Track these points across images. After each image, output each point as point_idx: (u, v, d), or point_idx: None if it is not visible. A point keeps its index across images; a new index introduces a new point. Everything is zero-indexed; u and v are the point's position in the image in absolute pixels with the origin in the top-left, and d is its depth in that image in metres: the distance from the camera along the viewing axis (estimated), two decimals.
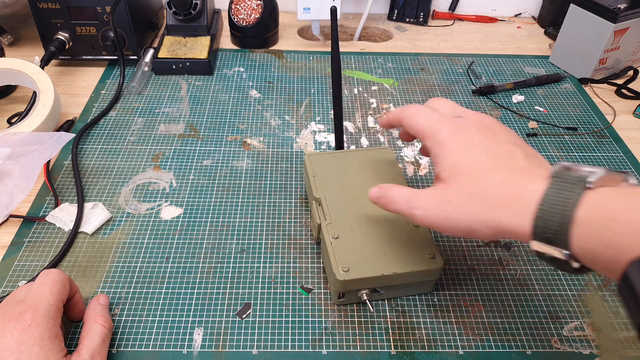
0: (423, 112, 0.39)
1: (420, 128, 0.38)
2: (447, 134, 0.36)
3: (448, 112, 0.39)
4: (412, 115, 0.39)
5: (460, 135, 0.35)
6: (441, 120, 0.37)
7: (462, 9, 0.93)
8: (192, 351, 0.40)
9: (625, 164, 0.60)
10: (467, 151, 0.34)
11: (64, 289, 0.38)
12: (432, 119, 0.37)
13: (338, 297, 0.43)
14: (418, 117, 0.38)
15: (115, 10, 0.66)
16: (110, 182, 0.55)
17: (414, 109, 0.40)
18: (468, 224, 0.33)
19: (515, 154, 0.34)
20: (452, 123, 0.36)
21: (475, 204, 0.32)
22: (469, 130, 0.35)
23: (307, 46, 0.81)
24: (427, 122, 0.38)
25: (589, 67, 0.73)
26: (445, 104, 0.40)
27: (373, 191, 0.40)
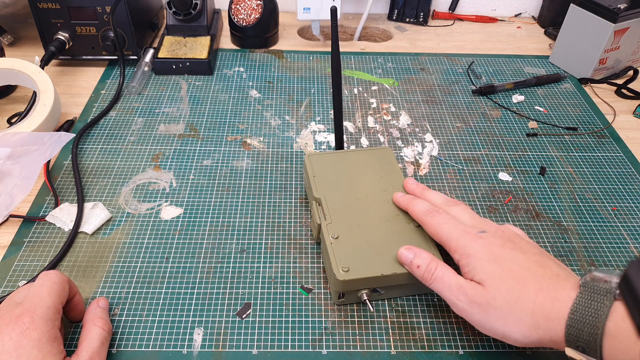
0: (448, 223, 0.41)
1: (447, 240, 0.40)
2: (475, 248, 0.38)
3: (470, 223, 0.41)
4: (438, 225, 0.41)
5: (488, 249, 0.37)
6: (466, 235, 0.39)
7: (462, 9, 0.93)
8: (192, 351, 0.40)
9: (625, 164, 0.60)
10: (497, 262, 0.37)
11: (63, 291, 0.37)
12: (457, 232, 0.39)
13: (338, 297, 0.43)
14: (444, 229, 0.40)
15: (115, 10, 0.66)
16: (110, 182, 0.55)
17: (438, 217, 0.41)
18: (506, 331, 0.35)
19: (544, 263, 0.36)
20: (479, 240, 0.38)
21: (514, 311, 0.34)
22: (494, 245, 0.38)
23: (307, 46, 0.81)
24: (453, 235, 0.39)
25: (589, 67, 0.73)
26: (466, 214, 0.42)
27: (407, 254, 0.41)
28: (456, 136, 0.63)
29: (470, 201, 0.54)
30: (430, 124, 0.65)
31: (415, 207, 0.44)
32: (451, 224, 0.40)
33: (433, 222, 0.41)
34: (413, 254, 0.40)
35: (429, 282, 0.39)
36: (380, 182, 0.49)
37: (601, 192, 0.56)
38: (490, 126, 0.65)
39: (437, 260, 0.40)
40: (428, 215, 0.42)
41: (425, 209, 0.43)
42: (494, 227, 0.40)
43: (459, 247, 0.38)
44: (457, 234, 0.39)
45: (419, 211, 0.43)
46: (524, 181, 0.57)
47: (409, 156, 0.60)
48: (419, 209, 0.43)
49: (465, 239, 0.38)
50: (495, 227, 0.40)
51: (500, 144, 0.62)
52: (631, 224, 0.52)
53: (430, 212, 0.42)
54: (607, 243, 0.50)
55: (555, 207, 0.54)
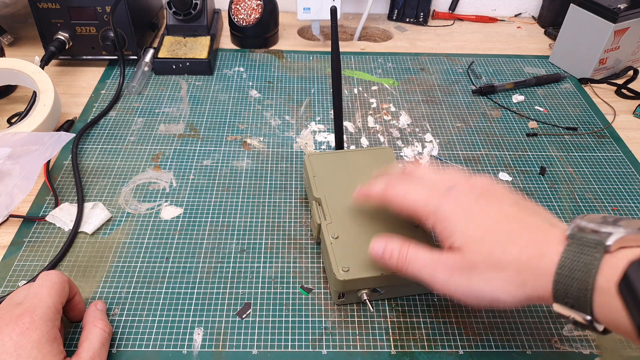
0: (412, 189, 0.37)
1: (415, 208, 0.36)
2: (448, 208, 0.35)
3: (435, 182, 0.37)
4: (401, 195, 0.37)
5: (461, 207, 0.34)
6: (434, 196, 0.36)
7: (462, 9, 0.93)
8: (192, 351, 0.40)
9: (625, 164, 0.60)
10: (474, 220, 0.34)
11: (63, 291, 0.37)
12: (424, 195, 0.36)
13: (338, 297, 0.43)
14: (409, 197, 0.37)
15: (115, 10, 0.66)
16: (110, 182, 0.55)
17: (399, 186, 0.37)
18: (494, 294, 0.32)
19: (521, 214, 0.33)
20: (449, 198, 0.35)
21: (499, 272, 0.32)
22: (467, 202, 0.35)
23: (307, 46, 0.81)
24: (420, 201, 0.36)
25: (589, 67, 0.73)
26: (428, 172, 0.38)
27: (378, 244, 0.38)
28: (456, 136, 0.63)
29: None
30: (430, 124, 0.65)
31: (373, 189, 0.40)
32: (416, 189, 0.37)
33: (394, 193, 0.38)
34: (384, 244, 0.38)
35: (405, 266, 0.36)
36: None
37: (601, 192, 0.56)
38: (490, 126, 0.65)
39: (408, 243, 0.37)
40: (388, 189, 0.38)
41: (383, 184, 0.39)
42: (463, 179, 0.37)
43: (429, 212, 0.35)
44: (424, 198, 0.36)
45: (378, 190, 0.39)
46: (524, 181, 0.57)
47: (409, 156, 0.60)
48: (378, 188, 0.39)
49: (434, 200, 0.35)
50: (464, 179, 0.36)
51: (500, 144, 0.62)
52: None
53: (389, 185, 0.38)
54: None
55: (555, 207, 0.54)
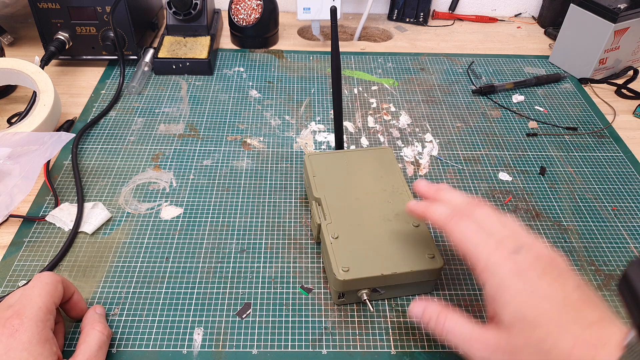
0: (477, 234, 0.34)
1: (474, 255, 0.34)
2: (508, 274, 0.32)
3: (502, 235, 0.34)
4: (463, 234, 0.35)
5: (523, 279, 0.32)
6: (499, 252, 0.33)
7: (462, 9, 0.93)
8: (192, 351, 0.40)
9: (625, 164, 0.60)
10: (533, 299, 0.31)
11: (56, 291, 0.37)
12: (488, 247, 0.33)
13: (338, 297, 0.43)
14: (472, 240, 0.34)
15: (115, 10, 0.66)
16: (110, 182, 0.55)
17: (464, 224, 0.35)
18: None
19: (584, 305, 0.31)
20: (514, 261, 0.32)
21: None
22: (532, 272, 0.32)
23: (307, 46, 0.81)
24: (483, 251, 0.34)
25: (589, 67, 0.73)
26: (494, 219, 0.36)
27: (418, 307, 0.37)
28: (456, 136, 0.63)
29: None
30: (430, 124, 0.65)
31: (435, 212, 0.38)
32: (480, 235, 0.34)
33: (458, 229, 0.35)
34: (423, 308, 0.36)
35: (442, 334, 0.35)
36: (380, 182, 0.49)
37: (601, 192, 0.56)
38: (490, 126, 0.65)
39: (446, 311, 0.35)
40: (452, 220, 0.36)
41: (447, 213, 0.37)
42: (530, 241, 0.34)
43: (487, 269, 0.33)
44: (488, 250, 0.33)
45: (440, 216, 0.37)
46: (524, 181, 0.57)
47: (409, 156, 0.60)
48: (439, 214, 0.37)
49: (496, 260, 0.33)
50: (531, 242, 0.34)
51: (500, 144, 0.62)
52: (631, 224, 0.52)
53: (453, 217, 0.36)
54: (607, 243, 0.50)
55: (555, 207, 0.54)
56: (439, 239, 0.50)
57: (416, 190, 0.42)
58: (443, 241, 0.50)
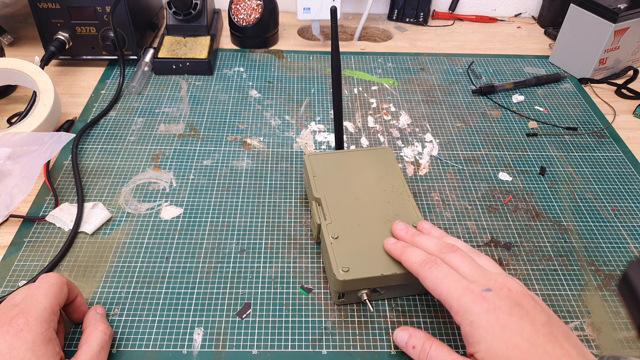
0: (447, 278, 0.36)
1: (447, 299, 0.36)
2: (479, 311, 0.34)
3: (472, 276, 0.36)
4: (436, 280, 0.37)
5: (493, 317, 0.33)
6: (469, 294, 0.35)
7: (462, 9, 0.93)
8: (192, 351, 0.40)
9: (625, 164, 0.60)
10: (503, 335, 0.33)
11: (61, 293, 0.37)
12: (459, 290, 0.35)
13: (338, 297, 0.43)
14: (443, 285, 0.36)
15: (115, 10, 0.66)
16: (110, 182, 0.55)
17: (436, 271, 0.37)
18: None
19: (554, 336, 0.33)
20: (483, 302, 0.34)
21: None
22: (501, 310, 0.34)
23: (307, 46, 0.81)
24: (454, 294, 0.35)
25: (589, 67, 0.73)
26: (465, 262, 0.38)
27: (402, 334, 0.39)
28: (456, 136, 0.63)
29: (470, 201, 0.54)
30: (430, 124, 0.65)
31: (409, 257, 0.40)
32: (451, 279, 0.36)
33: (431, 276, 0.37)
34: (408, 335, 0.39)
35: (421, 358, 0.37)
36: (380, 182, 0.49)
37: (601, 192, 0.56)
38: (490, 126, 0.65)
39: (432, 339, 0.37)
40: (424, 267, 0.38)
41: (421, 260, 0.39)
42: (499, 282, 0.36)
43: (460, 309, 0.35)
44: (459, 293, 0.35)
45: (414, 262, 0.39)
46: (524, 181, 0.57)
47: (409, 156, 0.60)
48: (413, 260, 0.39)
49: (467, 300, 0.35)
50: (500, 283, 0.35)
51: (500, 144, 0.62)
52: (631, 224, 0.52)
53: (426, 264, 0.38)
54: (607, 243, 0.50)
55: (555, 207, 0.54)
56: None
57: (394, 233, 0.44)
58: None
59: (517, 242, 0.50)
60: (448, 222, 0.52)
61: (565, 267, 0.48)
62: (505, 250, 0.49)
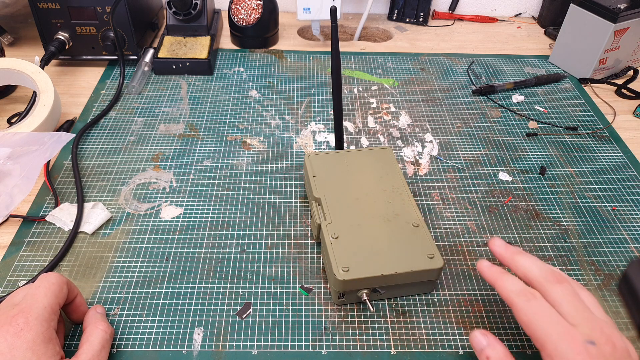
0: (547, 316, 0.33)
1: (541, 337, 0.33)
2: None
3: (574, 319, 0.33)
4: (533, 315, 0.34)
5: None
6: (570, 341, 0.32)
7: (462, 9, 0.93)
8: (192, 351, 0.40)
9: (625, 164, 0.60)
10: None
11: (61, 292, 0.37)
12: (558, 333, 0.32)
13: (338, 297, 0.43)
14: (541, 323, 0.33)
15: (115, 10, 0.66)
16: (110, 182, 0.55)
17: (534, 306, 0.34)
18: None
19: None
20: (587, 353, 0.31)
21: None
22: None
23: (307, 46, 0.81)
24: (552, 336, 0.32)
25: (589, 67, 0.73)
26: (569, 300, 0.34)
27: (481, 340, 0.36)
28: (456, 136, 0.63)
29: (470, 201, 0.54)
30: (430, 124, 0.65)
31: (505, 284, 0.36)
32: (551, 318, 0.33)
33: (527, 309, 0.34)
34: (487, 342, 0.35)
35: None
36: (380, 182, 0.49)
37: (601, 192, 0.56)
38: (490, 126, 0.65)
39: (510, 357, 0.34)
40: (521, 298, 0.35)
41: (518, 289, 0.35)
42: (605, 334, 0.32)
43: (556, 355, 0.32)
44: (557, 336, 0.32)
45: (510, 291, 0.36)
46: (524, 181, 0.57)
47: (409, 156, 0.60)
48: (510, 288, 0.36)
49: (567, 347, 0.31)
50: (606, 336, 0.32)
51: (500, 144, 0.62)
52: (631, 224, 0.52)
53: (524, 295, 0.35)
54: (607, 243, 0.50)
55: (555, 207, 0.54)
56: (439, 239, 0.50)
57: (491, 249, 0.40)
58: (443, 241, 0.50)
59: (517, 242, 0.50)
60: (448, 222, 0.52)
61: (565, 267, 0.48)
62: None
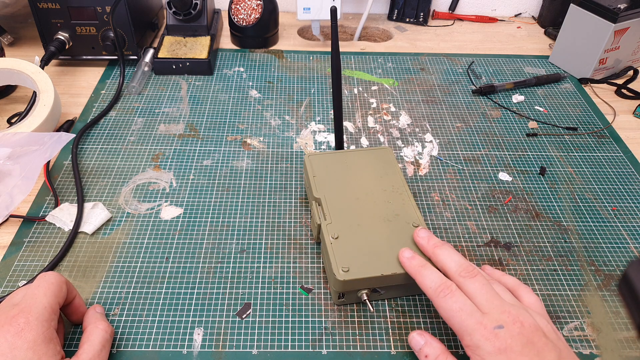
0: (461, 311, 0.36)
1: (459, 331, 0.36)
2: (491, 350, 0.34)
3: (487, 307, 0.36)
4: (450, 311, 0.37)
5: (505, 356, 0.34)
6: (481, 330, 0.35)
7: (462, 9, 0.93)
8: (192, 351, 0.40)
9: (625, 164, 0.60)
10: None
11: (60, 292, 0.37)
12: (471, 325, 0.35)
13: (338, 297, 0.43)
14: (456, 317, 0.36)
15: (115, 10, 0.66)
16: (110, 182, 0.55)
17: (452, 300, 0.37)
18: None
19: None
20: (496, 337, 0.34)
21: None
22: (512, 351, 0.34)
23: (307, 46, 0.81)
24: (467, 328, 0.35)
25: (589, 67, 0.73)
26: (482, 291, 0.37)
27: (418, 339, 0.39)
28: (456, 136, 0.63)
29: (470, 201, 0.54)
30: (430, 124, 0.65)
31: (425, 280, 0.39)
32: (465, 313, 0.36)
33: (445, 306, 0.37)
34: (424, 341, 0.38)
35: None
36: (380, 182, 0.49)
37: (601, 192, 0.56)
38: (490, 126, 0.65)
39: (447, 353, 0.37)
40: (439, 294, 0.38)
41: (436, 286, 0.38)
42: (512, 315, 0.35)
43: (471, 345, 0.35)
44: (471, 328, 0.35)
45: (429, 287, 0.39)
46: (524, 181, 0.57)
47: (409, 156, 0.60)
48: (428, 285, 0.39)
49: (479, 336, 0.35)
50: (513, 316, 0.35)
51: (500, 144, 0.62)
52: (631, 224, 0.52)
53: (441, 291, 0.38)
54: (607, 243, 0.50)
55: (555, 207, 0.54)
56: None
57: (415, 239, 0.43)
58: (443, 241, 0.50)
59: (517, 242, 0.50)
60: (448, 222, 0.52)
61: (565, 267, 0.48)
62: (505, 251, 0.49)
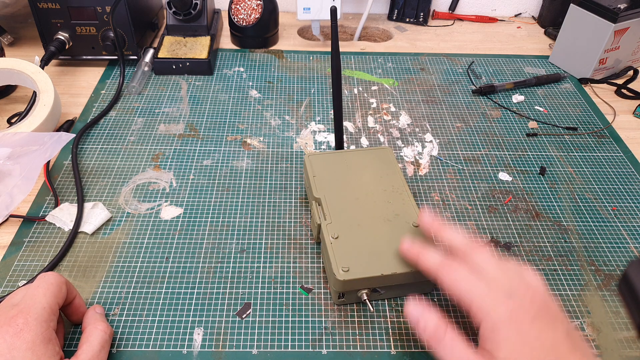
0: (467, 280, 0.35)
1: (467, 300, 0.35)
2: (501, 317, 0.33)
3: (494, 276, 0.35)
4: (455, 282, 0.35)
5: (515, 325, 0.33)
6: (492, 295, 0.34)
7: (462, 9, 0.93)
8: (192, 351, 0.40)
9: (625, 164, 0.60)
10: (524, 345, 0.32)
11: (60, 292, 0.37)
12: (479, 292, 0.34)
13: (338, 297, 0.43)
14: (462, 286, 0.35)
15: (115, 10, 0.66)
16: (110, 182, 0.55)
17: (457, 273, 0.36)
18: None
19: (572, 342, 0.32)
20: (506, 306, 0.33)
21: None
22: (525, 319, 0.33)
23: (307, 46, 0.81)
24: (474, 296, 0.34)
25: (589, 67, 0.73)
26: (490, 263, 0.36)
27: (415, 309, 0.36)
28: (456, 136, 0.63)
29: (470, 201, 0.54)
30: (430, 124, 0.65)
31: (427, 259, 0.38)
32: (471, 281, 0.35)
33: (448, 278, 0.36)
34: (420, 313, 0.36)
35: (436, 345, 0.35)
36: (380, 182, 0.49)
37: (601, 192, 0.56)
38: (490, 126, 0.65)
39: (445, 323, 0.35)
40: (442, 269, 0.37)
41: (438, 262, 0.37)
42: (524, 286, 0.34)
43: (480, 312, 0.34)
44: (479, 295, 0.34)
45: (432, 264, 0.38)
46: (524, 181, 0.57)
47: (409, 156, 0.60)
48: (431, 262, 0.38)
49: (490, 303, 0.33)
50: (524, 287, 0.34)
51: (500, 144, 0.62)
52: (631, 224, 0.52)
53: (444, 266, 0.37)
54: (607, 243, 0.50)
55: (555, 207, 0.54)
56: (439, 239, 0.50)
57: (420, 221, 0.43)
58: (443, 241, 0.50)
59: (517, 242, 0.50)
60: (448, 222, 0.52)
61: (565, 267, 0.48)
62: (505, 250, 0.49)
